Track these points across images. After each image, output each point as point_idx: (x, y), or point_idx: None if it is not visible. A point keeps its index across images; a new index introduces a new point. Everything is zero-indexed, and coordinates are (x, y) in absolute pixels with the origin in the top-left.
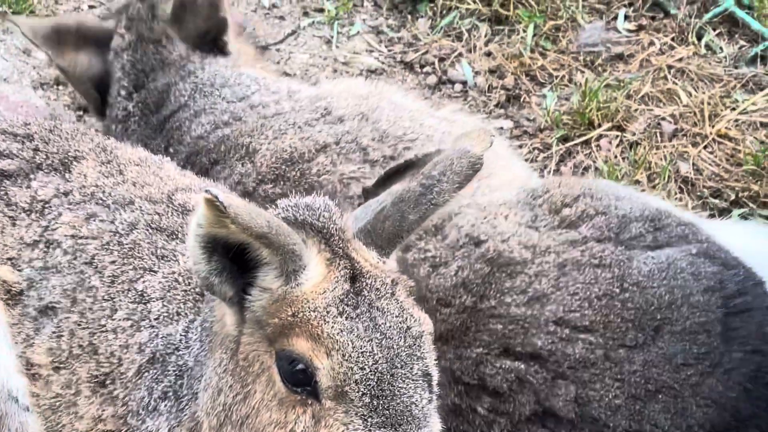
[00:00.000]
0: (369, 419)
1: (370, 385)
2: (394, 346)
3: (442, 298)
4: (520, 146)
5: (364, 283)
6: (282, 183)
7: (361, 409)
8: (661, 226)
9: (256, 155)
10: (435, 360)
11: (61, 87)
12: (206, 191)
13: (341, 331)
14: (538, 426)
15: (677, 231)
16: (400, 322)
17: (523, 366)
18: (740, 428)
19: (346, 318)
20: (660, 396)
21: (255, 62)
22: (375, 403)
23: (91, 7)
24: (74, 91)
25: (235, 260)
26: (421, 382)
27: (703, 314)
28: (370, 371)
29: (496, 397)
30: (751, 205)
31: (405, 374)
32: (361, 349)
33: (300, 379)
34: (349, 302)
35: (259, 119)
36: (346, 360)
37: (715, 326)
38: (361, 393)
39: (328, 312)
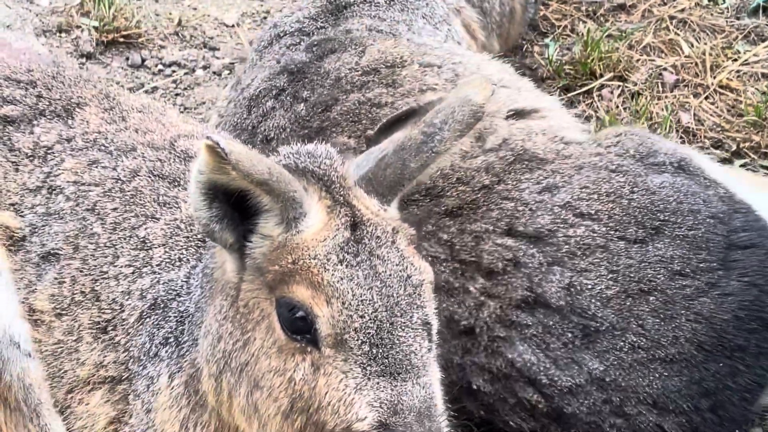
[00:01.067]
0: (368, 367)
1: (369, 333)
2: (394, 295)
3: (461, 177)
4: None
5: (365, 231)
6: (373, 76)
7: (360, 357)
8: (685, 166)
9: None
10: (435, 309)
11: (63, 34)
12: (208, 138)
13: (341, 279)
14: (527, 314)
15: (698, 175)
16: (401, 271)
17: (522, 246)
18: (725, 356)
19: (347, 266)
20: (651, 298)
21: None
22: (374, 351)
23: None
24: (77, 38)
25: (235, 207)
26: (420, 331)
27: (708, 232)
28: (370, 319)
29: (489, 278)
30: (752, 155)
31: (405, 323)
32: (361, 297)
33: (300, 327)
34: (350, 250)
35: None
36: (346, 308)
37: (718, 250)
38: (360, 341)
39: (328, 260)
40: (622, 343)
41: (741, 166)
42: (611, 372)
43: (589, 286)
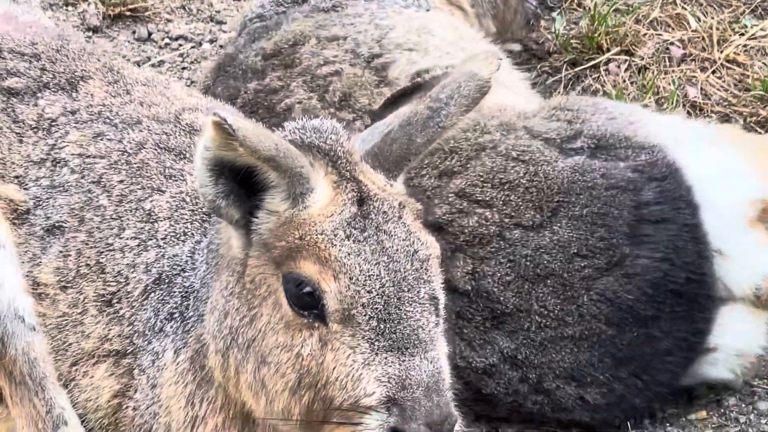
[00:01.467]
0: (376, 342)
1: (377, 308)
2: (401, 270)
3: None
4: (529, 70)
5: (372, 206)
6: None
7: (368, 332)
8: (604, 143)
9: None
10: (442, 284)
11: (70, 8)
12: (214, 114)
13: (348, 254)
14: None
15: (618, 148)
16: (408, 246)
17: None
18: (638, 326)
19: (354, 241)
20: (548, 281)
21: None
22: (382, 326)
23: None
24: (84, 12)
25: (242, 183)
26: (428, 305)
27: (605, 207)
28: (377, 294)
29: None
30: (759, 130)
31: (412, 298)
32: (368, 272)
33: (307, 302)
34: (357, 225)
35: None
36: (354, 283)
37: (620, 225)
38: (368, 316)
39: (335, 235)
40: (528, 323)
41: None
42: (522, 350)
43: (490, 273)
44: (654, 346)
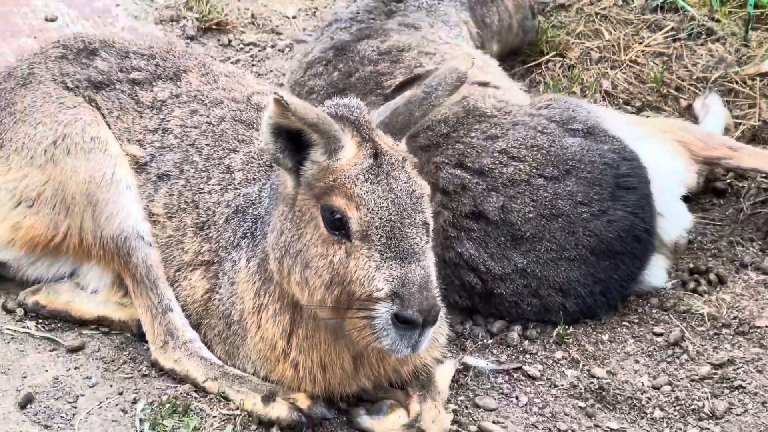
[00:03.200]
0: (384, 254)
1: (385, 229)
2: (403, 204)
3: (429, 125)
4: None
5: (383, 159)
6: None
7: (379, 246)
8: (592, 130)
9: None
10: (431, 214)
11: (174, 23)
12: (275, 93)
13: (366, 192)
14: (473, 222)
15: (601, 135)
16: (408, 187)
17: (469, 176)
18: (610, 258)
19: (370, 183)
20: (559, 219)
21: None
22: (389, 242)
23: None
24: (184, 26)
25: (293, 142)
26: (421, 228)
27: (600, 175)
28: (386, 220)
29: (445, 195)
30: (649, 111)
31: (410, 223)
32: (380, 204)
33: (337, 225)
34: (372, 172)
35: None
36: (370, 212)
37: (608, 188)
38: (379, 235)
39: (357, 178)
40: (539, 247)
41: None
42: (530, 266)
43: (517, 209)
44: (617, 273)
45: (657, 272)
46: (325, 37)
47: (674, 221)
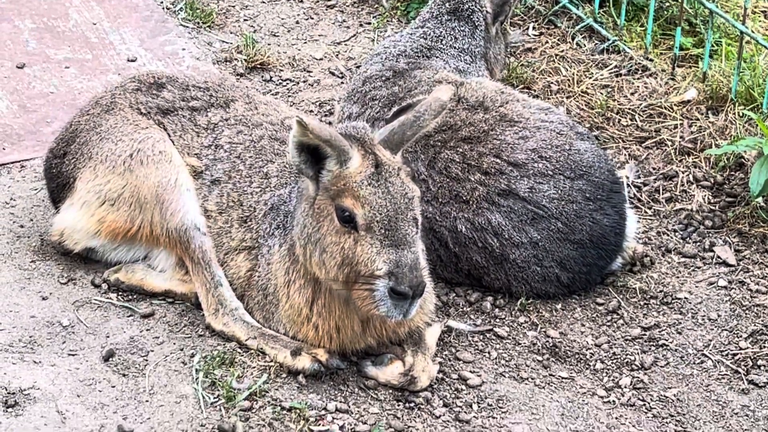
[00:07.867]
0: (383, 242)
1: (384, 223)
2: (398, 203)
3: (471, 122)
4: None
5: (383, 168)
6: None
7: (379, 236)
8: (591, 137)
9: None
10: (420, 212)
11: (227, 63)
12: (297, 117)
13: (370, 194)
14: (503, 198)
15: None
16: (402, 190)
17: (505, 164)
18: (600, 246)
19: (372, 187)
20: (573, 205)
21: None
22: (386, 233)
23: None
24: (235, 65)
25: (313, 155)
26: (412, 222)
27: (605, 180)
28: (385, 216)
29: (484, 175)
30: (597, 131)
31: (403, 218)
32: (380, 204)
33: (347, 219)
34: (374, 178)
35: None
36: (372, 209)
37: (607, 189)
38: (379, 227)
39: (362, 183)
40: (553, 227)
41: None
42: (542, 240)
43: (541, 192)
44: (601, 260)
45: (618, 259)
46: (377, 60)
47: (630, 227)
